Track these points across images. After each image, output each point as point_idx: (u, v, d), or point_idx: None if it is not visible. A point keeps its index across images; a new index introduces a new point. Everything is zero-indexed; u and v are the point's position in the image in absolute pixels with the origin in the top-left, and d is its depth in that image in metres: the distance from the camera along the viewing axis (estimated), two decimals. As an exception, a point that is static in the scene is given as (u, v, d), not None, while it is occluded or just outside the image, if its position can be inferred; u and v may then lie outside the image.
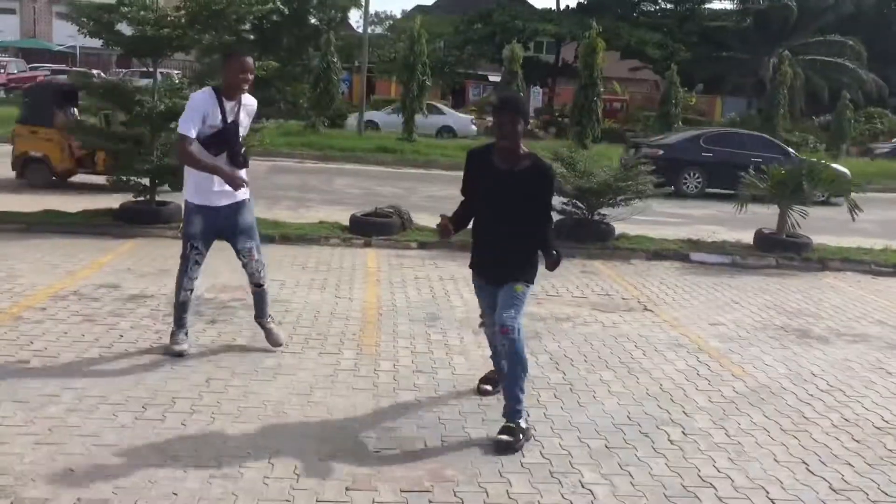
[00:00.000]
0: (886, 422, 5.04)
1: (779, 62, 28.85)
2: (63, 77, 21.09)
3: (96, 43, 10.29)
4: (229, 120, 5.14)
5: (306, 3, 29.81)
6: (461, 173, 4.70)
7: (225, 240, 5.42)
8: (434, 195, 14.71)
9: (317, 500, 3.62)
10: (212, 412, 4.50)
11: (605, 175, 9.82)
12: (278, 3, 11.00)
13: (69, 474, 3.70)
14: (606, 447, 4.38)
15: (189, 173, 5.23)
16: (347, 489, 3.74)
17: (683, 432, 4.66)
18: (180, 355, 5.31)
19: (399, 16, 41.51)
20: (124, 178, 9.49)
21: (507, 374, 4.38)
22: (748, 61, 37.73)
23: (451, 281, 7.95)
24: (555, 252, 4.38)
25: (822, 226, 11.51)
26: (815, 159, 11.15)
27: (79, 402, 4.52)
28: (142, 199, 9.70)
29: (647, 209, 10.89)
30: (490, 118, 29.19)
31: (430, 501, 3.68)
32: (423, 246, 9.53)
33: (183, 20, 9.04)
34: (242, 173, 5.23)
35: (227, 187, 5.12)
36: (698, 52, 36.07)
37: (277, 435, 4.27)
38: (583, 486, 3.92)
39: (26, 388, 4.65)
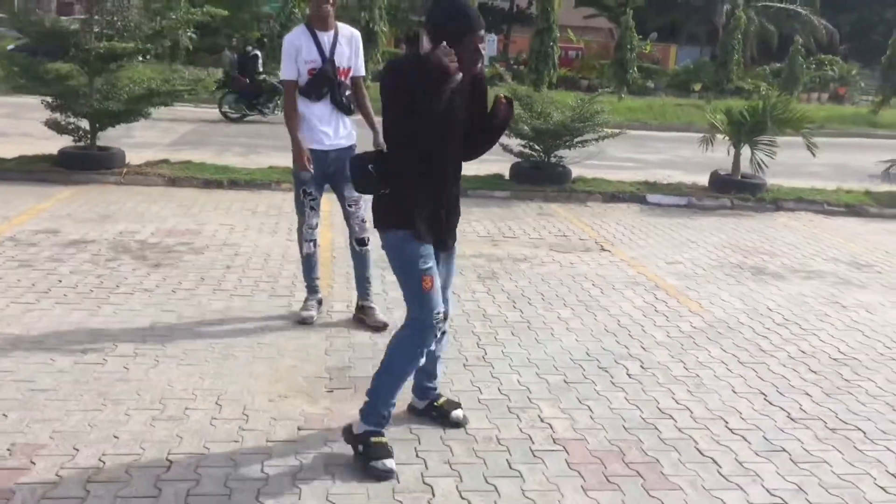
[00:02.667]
0: (843, 353, 5.04)
1: (732, 8, 28.78)
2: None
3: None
4: (327, 54, 4.71)
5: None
6: None
7: (332, 186, 4.98)
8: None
9: (267, 440, 3.48)
10: (156, 355, 4.31)
11: (561, 116, 9.66)
12: None
13: (2, 419, 3.50)
14: (565, 382, 4.30)
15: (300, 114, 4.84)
16: (299, 429, 3.61)
17: (642, 366, 4.60)
18: (303, 322, 4.93)
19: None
20: (62, 121, 9.06)
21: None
22: (702, 8, 37.70)
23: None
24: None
25: (775, 169, 11.46)
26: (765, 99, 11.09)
27: (12, 347, 4.29)
28: (82, 143, 9.31)
29: (602, 153, 10.80)
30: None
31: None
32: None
33: None
34: (351, 118, 4.90)
35: (335, 131, 4.81)
36: (652, -1, 35.81)
37: (225, 376, 4.10)
38: (542, 421, 3.83)
39: (-43, 333, 4.41)
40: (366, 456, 3.28)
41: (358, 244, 4.96)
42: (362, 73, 4.94)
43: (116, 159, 9.28)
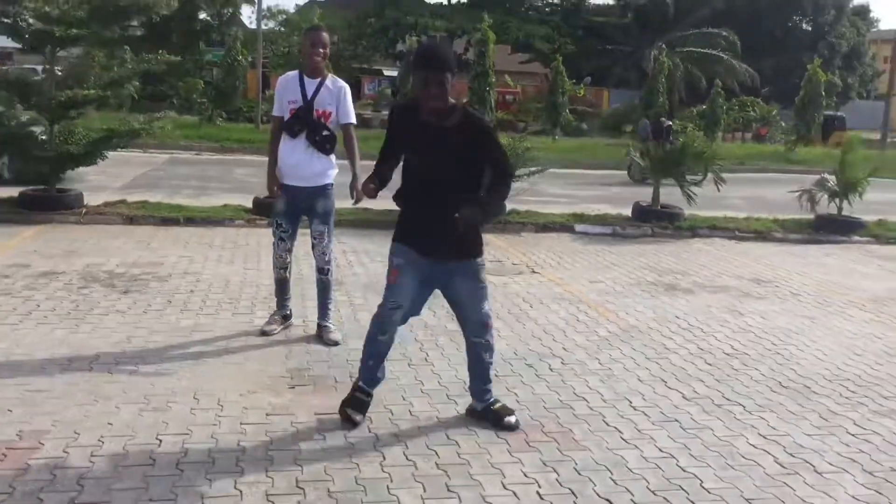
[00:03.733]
0: (735, 349, 5.84)
1: (658, 54, 30.44)
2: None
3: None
4: (308, 97, 5.25)
5: (189, -1, 29.59)
6: (361, 162, 5.08)
7: (308, 221, 5.51)
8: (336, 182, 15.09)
9: (241, 423, 4.09)
10: (136, 362, 4.87)
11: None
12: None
13: (7, 413, 4.04)
14: (496, 375, 4.92)
15: (279, 152, 5.40)
16: (267, 415, 4.22)
17: (562, 363, 5.32)
18: (264, 334, 5.50)
19: (293, 10, 41.35)
20: (25, 165, 9.54)
21: (488, 362, 4.31)
22: (631, 54, 39.55)
23: (353, 253, 8.44)
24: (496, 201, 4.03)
25: (697, 202, 12.46)
26: (688, 139, 12.10)
27: (5, 358, 4.82)
28: (43, 186, 9.78)
29: (535, 190, 11.64)
30: (385, 111, 29.69)
31: (342, 421, 4.18)
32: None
33: (83, 15, 9.14)
34: (330, 159, 5.35)
35: (308, 169, 5.30)
36: (584, 45, 37.55)
37: (199, 377, 4.69)
38: (475, 404, 4.50)
39: (-47, 349, 4.92)
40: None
41: (319, 272, 5.56)
42: (349, 119, 5.40)
43: (75, 200, 9.76)
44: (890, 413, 4.75)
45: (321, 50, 5.28)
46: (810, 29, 50.59)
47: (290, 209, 5.45)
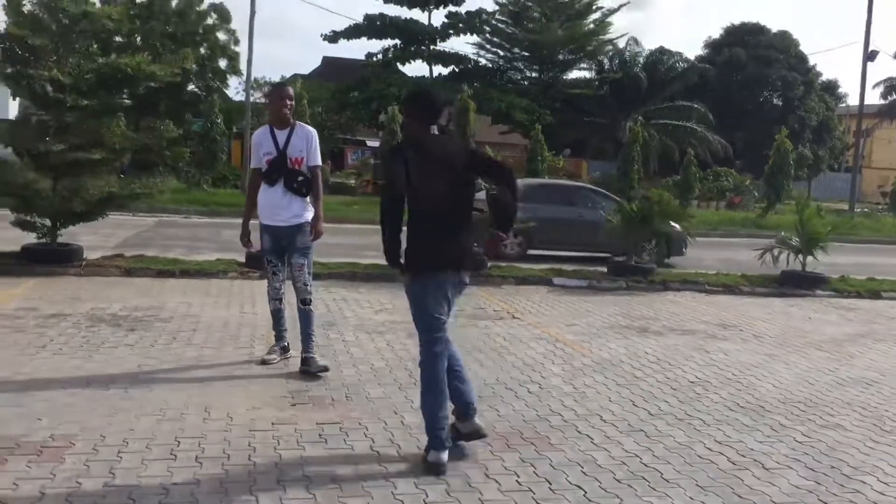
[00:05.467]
0: (699, 378, 6.36)
1: (633, 125, 31.63)
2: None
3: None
4: (281, 147, 5.79)
5: (185, 70, 30.53)
6: (344, 226, 5.61)
7: (288, 257, 5.95)
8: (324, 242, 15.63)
9: (249, 431, 4.53)
10: (149, 384, 5.32)
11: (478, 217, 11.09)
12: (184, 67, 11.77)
13: (38, 421, 4.47)
14: (479, 397, 5.41)
15: (258, 200, 5.94)
16: (273, 424, 4.67)
17: (540, 387, 5.81)
18: (265, 363, 5.96)
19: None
20: (28, 218, 10.02)
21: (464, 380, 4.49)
22: (607, 125, 40.91)
23: (343, 301, 8.94)
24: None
25: (672, 262, 13.16)
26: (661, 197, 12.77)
27: (29, 381, 5.24)
28: (44, 239, 10.24)
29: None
30: (368, 178, 30.44)
31: (340, 429, 4.64)
32: (315, 277, 10.45)
33: (93, 80, 9.76)
34: (305, 200, 5.84)
35: (287, 210, 5.79)
36: (562, 116, 38.75)
37: (208, 396, 5.14)
38: (460, 418, 4.97)
39: (-21, 372, 5.35)
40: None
41: (301, 303, 5.91)
42: (316, 162, 5.91)
43: (75, 254, 10.21)
44: (835, 426, 5.26)
45: (288, 102, 5.86)
46: (780, 104, 52.49)
47: (274, 246, 5.94)
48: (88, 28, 9.84)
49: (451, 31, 38.01)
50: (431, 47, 38.77)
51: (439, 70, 40.03)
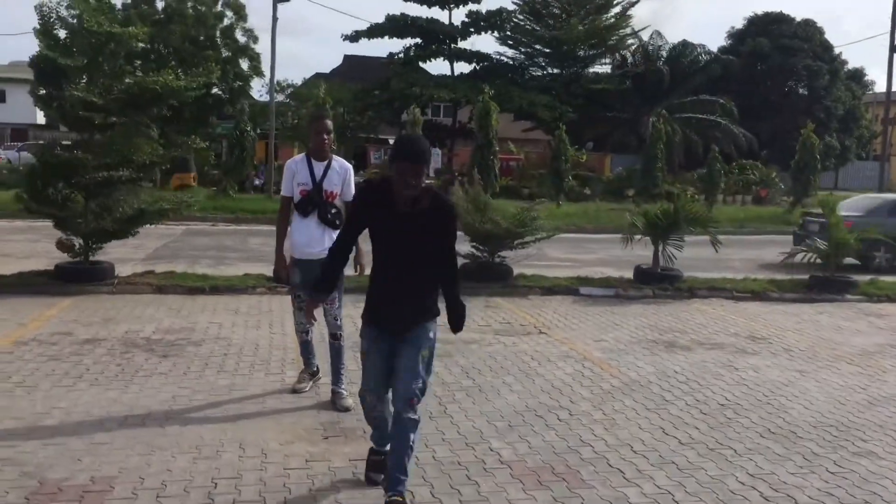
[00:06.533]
0: (728, 400, 6.34)
1: (656, 120, 31.45)
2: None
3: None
4: (318, 180, 5.75)
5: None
6: None
7: None
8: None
9: (284, 469, 4.60)
10: (184, 419, 5.40)
11: (506, 224, 11.15)
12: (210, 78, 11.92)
13: (78, 462, 4.56)
14: (509, 426, 5.49)
15: (290, 230, 5.88)
16: (307, 461, 4.73)
17: (570, 413, 5.83)
18: (296, 392, 6.01)
19: (300, 83, 42.69)
20: (66, 239, 10.20)
21: (398, 446, 4.01)
22: (630, 120, 40.70)
23: (371, 317, 8.98)
24: (460, 306, 4.24)
25: (697, 264, 13.05)
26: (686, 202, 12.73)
27: (67, 416, 5.35)
28: (77, 259, 10.40)
29: (541, 254, 12.27)
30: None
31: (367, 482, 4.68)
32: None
33: (122, 98, 9.89)
34: (334, 235, 5.49)
35: (320, 244, 5.65)
36: (585, 112, 38.63)
37: (242, 430, 5.22)
38: (491, 450, 5.02)
39: (19, 407, 5.46)
40: None
41: (331, 338, 5.89)
42: (350, 198, 5.72)
43: (107, 272, 10.37)
44: (867, 454, 5.24)
45: (325, 136, 5.78)
46: (806, 93, 51.99)
47: (305, 280, 5.74)
48: (118, 49, 9.95)
49: (472, 30, 38.05)
50: (452, 46, 38.80)
51: (461, 68, 40.06)
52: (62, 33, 9.99)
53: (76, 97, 9.50)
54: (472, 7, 37.71)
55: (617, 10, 42.00)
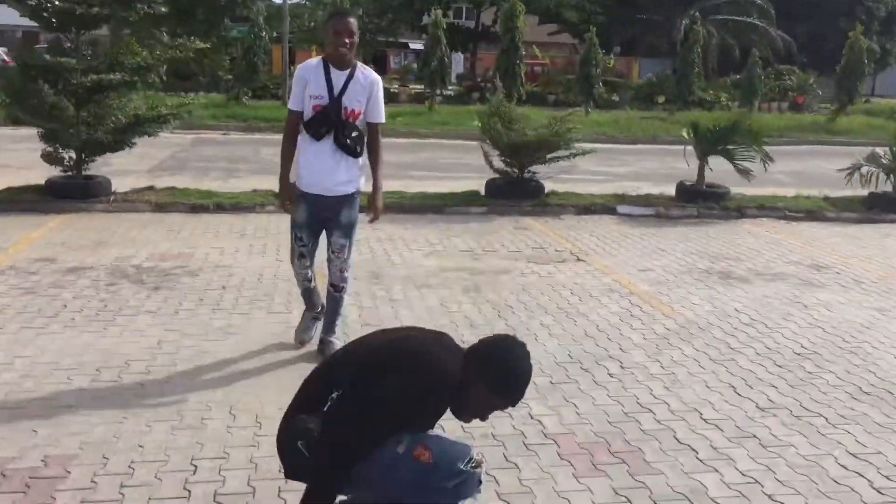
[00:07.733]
0: (805, 348, 5.44)
1: (690, 23, 29.61)
2: None
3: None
4: (336, 93, 4.59)
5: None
6: (388, 140, 4.56)
7: (326, 231, 4.90)
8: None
9: (281, 444, 3.77)
10: (167, 372, 4.58)
11: (536, 134, 10.06)
12: None
13: (33, 435, 3.76)
14: (551, 383, 4.63)
15: (297, 153, 4.77)
16: (309, 433, 3.90)
17: (621, 366, 4.95)
18: (301, 343, 5.08)
19: (317, -16, 40.77)
20: (54, 151, 9.28)
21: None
22: (662, 23, 38.54)
23: (390, 241, 8.09)
24: None
25: (738, 179, 11.98)
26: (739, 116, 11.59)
27: (30, 368, 4.54)
28: (69, 173, 9.52)
29: (573, 167, 11.24)
30: (412, 86, 29.20)
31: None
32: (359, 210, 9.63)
33: None
34: (358, 162, 4.73)
35: (334, 176, 4.68)
36: (614, 15, 36.68)
37: (235, 389, 4.39)
38: (532, 418, 4.16)
39: (-25, 358, 4.66)
40: None
41: (333, 288, 4.96)
42: (380, 119, 4.77)
43: (103, 188, 9.49)
44: None
45: (347, 40, 4.55)
46: (847, -8, 49.13)
47: (311, 220, 4.83)
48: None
49: (497, -78, 35.79)
50: (476, -59, 36.69)
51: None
52: None
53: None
54: None
55: None
